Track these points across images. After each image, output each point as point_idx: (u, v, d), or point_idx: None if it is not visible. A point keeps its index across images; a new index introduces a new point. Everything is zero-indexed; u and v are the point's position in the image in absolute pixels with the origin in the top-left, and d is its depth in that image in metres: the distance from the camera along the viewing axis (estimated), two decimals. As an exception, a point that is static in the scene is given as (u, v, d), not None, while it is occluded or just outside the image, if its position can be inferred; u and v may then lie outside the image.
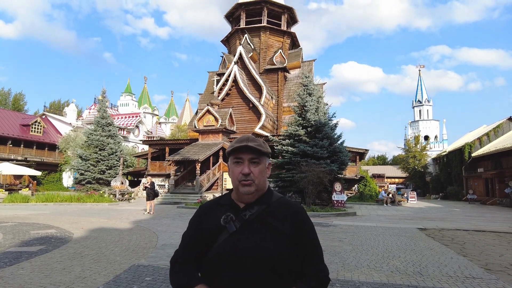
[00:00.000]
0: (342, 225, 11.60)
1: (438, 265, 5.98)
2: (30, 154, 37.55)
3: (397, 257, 6.59)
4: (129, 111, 60.61)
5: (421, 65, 58.53)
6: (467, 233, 10.20)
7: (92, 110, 48.85)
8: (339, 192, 18.31)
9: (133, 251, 6.78)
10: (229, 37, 34.22)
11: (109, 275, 5.00)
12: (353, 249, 7.28)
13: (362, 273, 5.36)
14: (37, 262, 5.75)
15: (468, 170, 33.94)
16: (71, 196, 19.96)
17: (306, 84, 20.25)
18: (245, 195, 1.36)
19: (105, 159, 26.65)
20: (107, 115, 28.77)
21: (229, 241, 1.29)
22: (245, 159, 1.37)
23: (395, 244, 8.06)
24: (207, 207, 1.47)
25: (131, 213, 14.75)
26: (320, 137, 18.48)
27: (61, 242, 7.62)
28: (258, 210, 1.35)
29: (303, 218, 1.38)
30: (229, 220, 1.32)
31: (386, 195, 24.61)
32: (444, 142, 51.65)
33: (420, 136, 49.63)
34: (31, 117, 41.75)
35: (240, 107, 28.69)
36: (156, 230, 9.70)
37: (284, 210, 1.38)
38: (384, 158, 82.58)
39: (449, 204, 26.68)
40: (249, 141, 1.37)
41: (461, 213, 18.07)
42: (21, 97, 59.25)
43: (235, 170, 1.37)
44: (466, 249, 7.56)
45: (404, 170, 49.21)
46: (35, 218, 12.14)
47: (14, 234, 8.51)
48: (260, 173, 1.38)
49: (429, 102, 55.53)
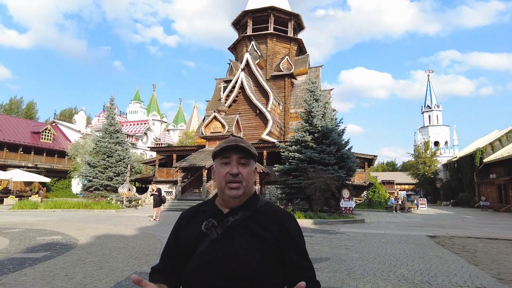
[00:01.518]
0: (350, 233, 11.40)
1: (447, 274, 5.79)
2: (40, 161, 38.08)
3: (405, 265, 6.41)
4: (138, 118, 61.22)
5: (430, 70, 57.97)
6: (478, 241, 9.91)
7: (101, 117, 49.45)
8: (347, 198, 18.07)
9: (137, 258, 6.74)
10: (236, 44, 34.44)
11: (111, 282, 4.95)
12: (359, 257, 7.12)
13: (368, 281, 5.21)
14: (40, 268, 5.74)
15: (480, 176, 33.26)
16: (79, 203, 20.11)
17: (312, 90, 20.18)
18: (232, 198, 1.29)
19: (113, 166, 26.86)
20: (115, 122, 29.06)
21: (210, 248, 1.21)
22: (233, 158, 1.30)
23: (403, 252, 7.86)
24: (188, 213, 1.40)
25: (137, 219, 14.76)
26: (327, 143, 18.33)
27: (66, 248, 7.62)
28: (242, 216, 1.27)
29: (291, 226, 1.29)
30: (210, 227, 1.25)
31: (396, 202, 24.22)
32: (455, 147, 50.83)
33: (430, 142, 48.94)
34: (42, 125, 42.44)
35: (247, 114, 28.71)
36: (161, 237, 9.66)
37: (271, 217, 1.29)
38: (394, 164, 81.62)
39: (460, 211, 26.11)
40: (237, 141, 1.32)
41: (473, 220, 17.65)
42: (32, 105, 60.44)
43: (222, 171, 1.30)
44: (477, 258, 7.33)
45: (413, 176, 48.50)
46: (42, 224, 12.22)
47: (21, 240, 8.56)
48: (248, 175, 1.31)
49: (439, 108, 54.86)
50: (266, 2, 32.65)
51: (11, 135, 36.19)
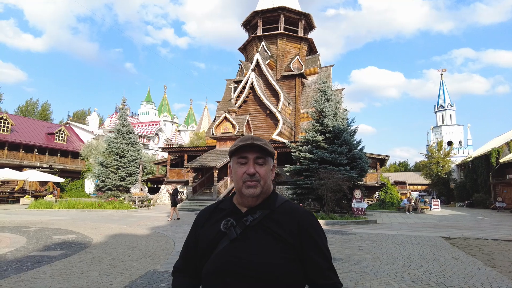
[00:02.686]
0: (362, 233, 11.29)
1: (463, 276, 5.68)
2: (54, 162, 38.84)
3: (419, 266, 6.31)
4: (149, 119, 61.84)
5: (443, 69, 57.01)
6: (495, 243, 9.69)
7: (113, 118, 50.15)
8: (359, 199, 17.90)
9: (150, 257, 6.81)
10: (246, 45, 34.50)
11: (125, 281, 5.02)
12: (372, 258, 7.04)
13: (382, 282, 5.15)
14: (57, 266, 5.86)
15: (495, 176, 32.51)
16: (92, 203, 20.43)
17: (323, 90, 20.06)
18: (249, 197, 1.28)
19: (125, 166, 27.20)
20: (127, 123, 29.43)
21: (230, 248, 1.21)
22: (250, 158, 1.29)
23: (417, 253, 7.74)
24: (207, 212, 1.40)
25: (149, 219, 14.92)
26: (338, 143, 18.19)
27: (81, 247, 7.75)
28: (261, 215, 1.26)
29: (312, 225, 1.28)
30: (229, 226, 1.24)
31: (408, 203, 23.89)
32: (469, 147, 49.81)
33: (443, 142, 48.09)
34: (56, 126, 43.28)
35: (257, 114, 28.72)
36: (173, 236, 9.74)
37: (290, 216, 1.28)
38: (406, 164, 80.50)
39: (475, 212, 25.58)
40: (254, 139, 1.31)
41: (489, 222, 17.27)
42: (47, 107, 61.73)
43: (239, 171, 1.30)
44: (494, 260, 7.17)
45: (426, 177, 47.72)
46: (57, 223, 12.46)
47: (37, 239, 8.74)
48: (266, 174, 1.30)
49: (452, 107, 53.87)
50: (276, 2, 32.61)
51: (26, 136, 37.03)
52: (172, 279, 1.39)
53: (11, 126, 35.56)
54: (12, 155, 34.72)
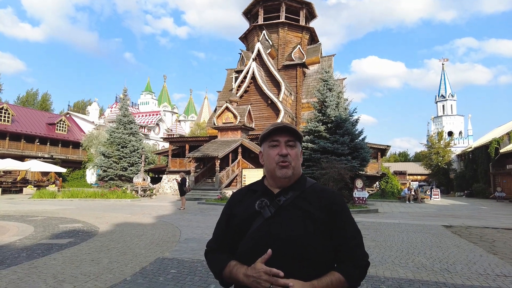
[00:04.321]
0: (364, 222, 11.42)
1: (466, 262, 5.79)
2: (55, 152, 38.92)
3: (423, 253, 6.43)
4: (149, 109, 61.71)
5: (445, 59, 56.59)
6: (496, 231, 9.83)
7: (114, 108, 50.01)
8: (361, 189, 18.01)
9: (157, 244, 6.92)
10: (247, 34, 34.21)
11: (136, 267, 5.12)
12: (376, 246, 7.16)
13: (387, 269, 5.26)
14: (67, 253, 5.96)
15: (495, 166, 32.65)
16: (95, 192, 20.57)
17: (326, 79, 20.00)
18: (282, 178, 1.35)
19: (127, 156, 27.29)
20: (129, 113, 29.41)
21: (265, 226, 1.28)
22: (281, 141, 1.37)
23: (420, 241, 7.86)
24: (240, 193, 1.47)
25: (153, 208, 15.06)
26: (340, 133, 18.23)
27: (88, 235, 7.86)
28: (292, 195, 1.34)
29: (339, 203, 1.35)
30: (264, 206, 1.31)
31: (409, 192, 24.06)
32: (470, 138, 49.84)
33: (444, 132, 48.09)
34: (56, 116, 43.24)
35: (259, 104, 28.67)
36: (178, 225, 9.86)
37: (319, 195, 1.36)
38: (406, 154, 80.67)
39: (475, 202, 25.79)
40: (285, 124, 1.38)
41: (489, 211, 17.44)
42: (47, 97, 61.50)
43: (272, 153, 1.37)
44: (496, 247, 7.29)
45: (426, 167, 47.87)
46: (62, 212, 12.59)
47: (45, 227, 8.86)
48: (296, 156, 1.38)
49: (453, 97, 53.71)
50: (277, -9, 32.22)
51: (28, 127, 37.02)
52: (208, 257, 1.43)
53: (12, 117, 35.52)
54: (13, 146, 34.78)
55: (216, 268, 1.35)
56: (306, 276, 1.21)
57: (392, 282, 4.58)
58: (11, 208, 14.00)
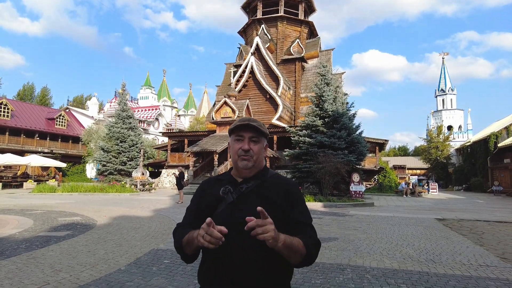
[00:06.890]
0: (359, 215, 11.60)
1: (452, 253, 5.96)
2: (55, 147, 39.06)
3: (411, 245, 6.60)
4: (149, 104, 61.71)
5: (445, 53, 56.51)
6: (487, 224, 10.00)
7: (113, 103, 50.08)
8: (357, 183, 18.19)
9: (153, 236, 7.09)
10: (246, 28, 34.14)
11: (130, 258, 5.29)
12: (367, 238, 7.33)
13: (374, 259, 5.43)
14: (64, 245, 6.14)
15: (493, 161, 32.82)
16: (95, 187, 20.76)
17: (323, 74, 20.07)
18: (243, 169, 1.51)
19: (126, 150, 27.46)
20: (128, 108, 29.53)
21: (227, 209, 1.43)
22: (245, 137, 1.52)
23: (410, 233, 8.04)
24: (209, 182, 1.63)
25: (151, 202, 15.24)
26: (337, 127, 18.35)
27: (86, 228, 8.04)
28: (254, 184, 1.49)
29: (294, 191, 1.52)
30: (227, 192, 1.46)
31: (406, 186, 24.25)
32: (469, 132, 49.97)
33: (443, 126, 48.19)
34: (56, 111, 43.30)
35: (257, 99, 28.72)
36: (175, 218, 10.04)
37: (278, 183, 1.52)
38: (405, 149, 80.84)
39: (472, 196, 25.99)
40: (250, 121, 1.53)
41: (484, 205, 17.62)
42: (47, 92, 61.45)
43: (236, 146, 1.53)
44: (483, 239, 7.46)
45: (425, 161, 48.08)
46: (61, 206, 12.77)
47: (44, 221, 9.04)
48: (259, 151, 1.53)
49: (453, 91, 53.72)
50: (276, -15, 32.09)
51: (27, 122, 37.14)
52: (174, 233, 1.57)
53: (11, 112, 35.61)
54: (13, 140, 34.93)
55: (178, 240, 1.49)
56: (264, 255, 1.35)
57: (377, 272, 4.75)
58: (11, 202, 14.19)
